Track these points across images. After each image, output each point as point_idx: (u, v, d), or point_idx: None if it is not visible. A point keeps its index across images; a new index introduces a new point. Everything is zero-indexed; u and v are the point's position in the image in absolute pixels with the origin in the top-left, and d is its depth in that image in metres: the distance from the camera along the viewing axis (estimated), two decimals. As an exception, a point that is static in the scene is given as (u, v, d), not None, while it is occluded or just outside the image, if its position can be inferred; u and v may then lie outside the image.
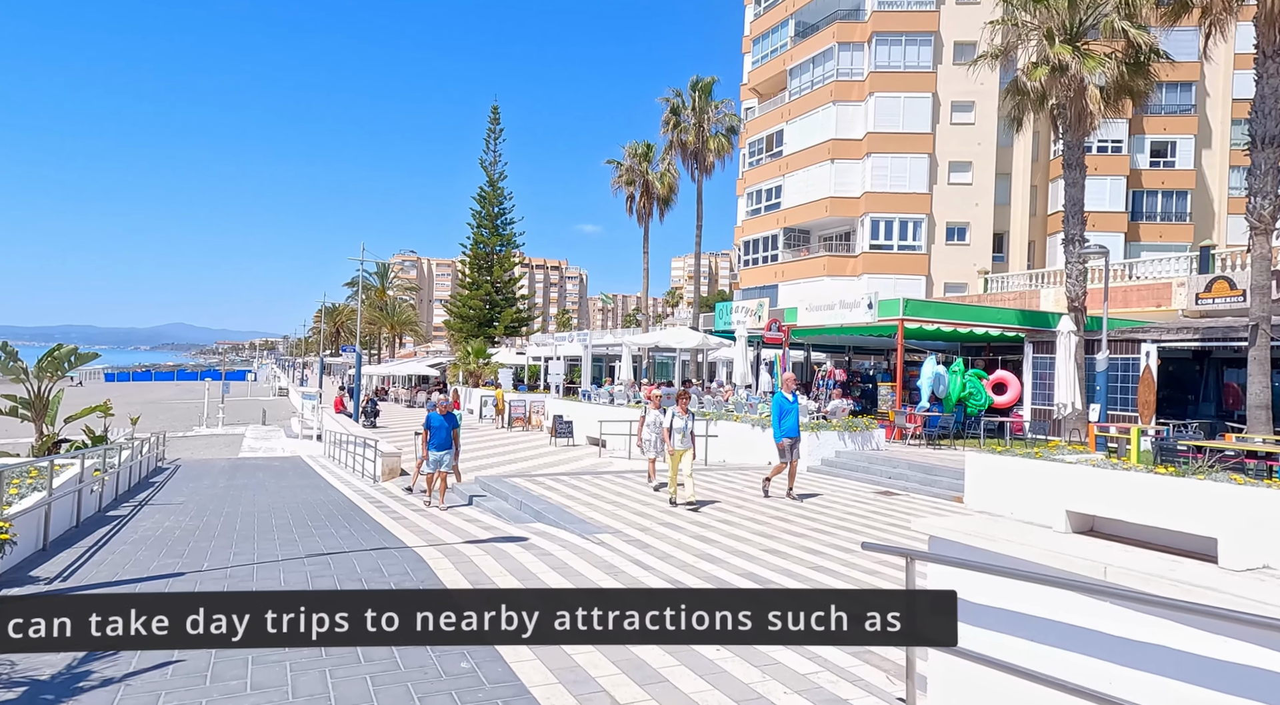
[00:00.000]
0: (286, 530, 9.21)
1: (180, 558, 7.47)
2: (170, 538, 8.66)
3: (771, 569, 6.95)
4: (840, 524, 9.22)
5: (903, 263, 34.61)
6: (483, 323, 60.86)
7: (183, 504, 11.98)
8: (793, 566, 7.03)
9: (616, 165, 35.32)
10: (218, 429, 37.19)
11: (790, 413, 10.93)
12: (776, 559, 7.31)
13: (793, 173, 38.57)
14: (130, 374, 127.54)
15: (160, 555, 7.61)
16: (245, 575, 6.65)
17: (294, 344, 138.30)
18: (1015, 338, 18.97)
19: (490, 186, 61.96)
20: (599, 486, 12.01)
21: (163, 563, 7.25)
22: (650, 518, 9.46)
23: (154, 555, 7.61)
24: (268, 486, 14.99)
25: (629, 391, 23.82)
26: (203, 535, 8.82)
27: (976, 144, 34.58)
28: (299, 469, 20.06)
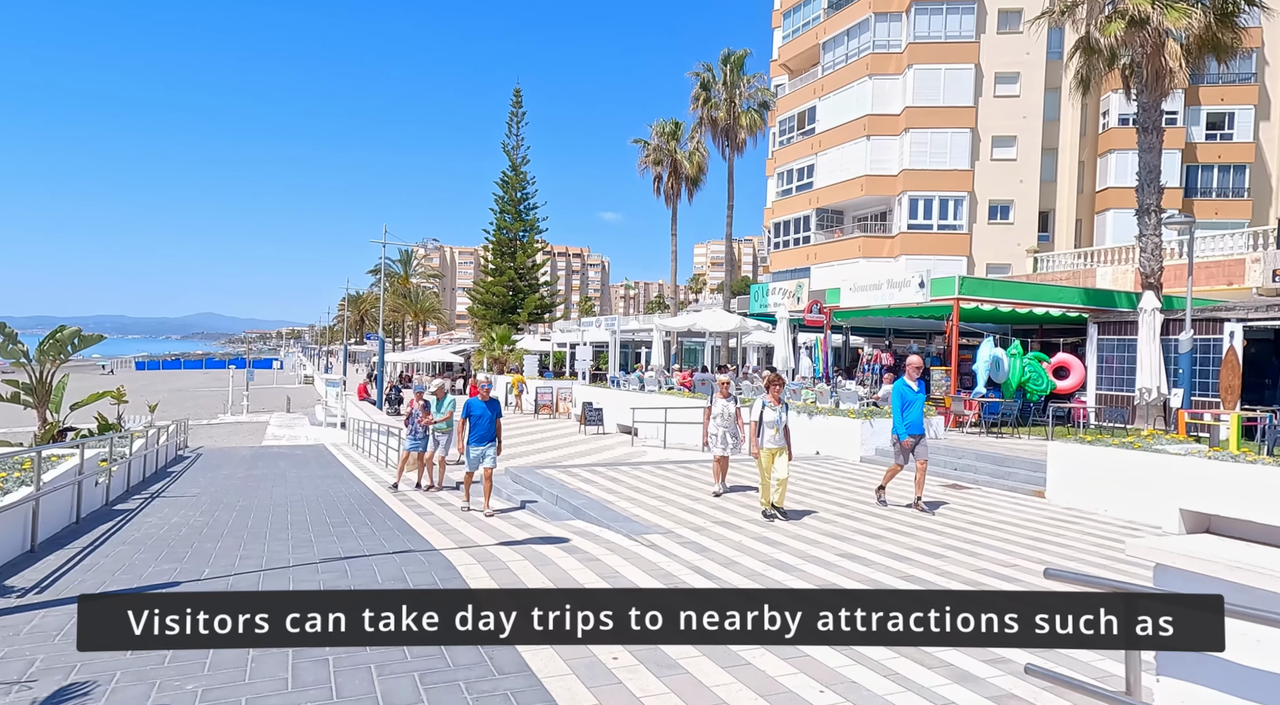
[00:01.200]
0: (302, 528, 8.38)
1: (180, 562, 6.65)
2: (174, 537, 7.85)
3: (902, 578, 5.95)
4: (973, 539, 8.18)
5: (943, 243, 33.14)
6: (506, 309, 60.15)
7: (197, 496, 11.24)
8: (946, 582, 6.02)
9: (643, 144, 34.19)
10: (242, 416, 36.89)
11: (914, 404, 8.81)
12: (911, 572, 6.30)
13: (826, 151, 37.13)
14: (160, 362, 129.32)
15: (159, 559, 6.79)
16: (248, 586, 5.79)
17: (319, 333, 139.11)
18: (1077, 319, 17.68)
19: (513, 171, 61.00)
20: (639, 479, 11.06)
21: (160, 568, 6.43)
22: (702, 514, 8.49)
23: (151, 559, 6.80)
24: (288, 477, 14.28)
25: (660, 377, 22.85)
26: (210, 534, 8.01)
27: (1021, 117, 32.90)
28: (321, 458, 19.39)
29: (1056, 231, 34.05)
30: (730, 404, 9.76)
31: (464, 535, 7.74)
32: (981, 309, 16.43)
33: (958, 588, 5.74)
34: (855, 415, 13.52)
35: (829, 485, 10.80)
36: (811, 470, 12.22)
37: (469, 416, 8.74)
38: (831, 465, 12.84)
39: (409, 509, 9.61)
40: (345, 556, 6.78)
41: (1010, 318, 17.16)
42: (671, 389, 22.26)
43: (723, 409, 9.70)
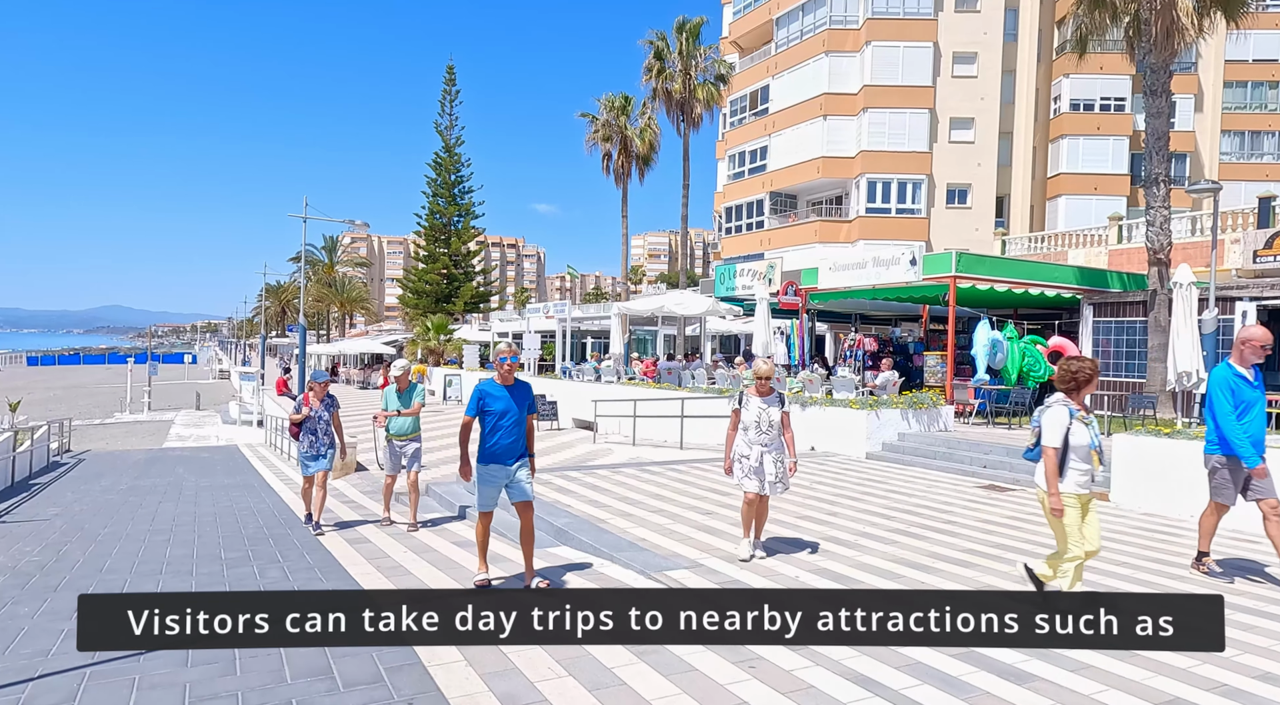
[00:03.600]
0: (182, 571, 6.09)
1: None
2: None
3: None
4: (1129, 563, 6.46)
5: (901, 227, 32.22)
6: (440, 298, 56.96)
7: (51, 520, 8.66)
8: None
9: (590, 119, 32.03)
10: (142, 415, 33.03)
11: (1255, 404, 5.36)
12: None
13: (780, 132, 35.78)
14: (56, 357, 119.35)
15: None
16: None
17: (237, 326, 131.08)
18: (1070, 300, 16.61)
19: (446, 152, 57.72)
20: (626, 485, 9.10)
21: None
22: (727, 534, 6.60)
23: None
24: (184, 488, 11.69)
25: (619, 367, 20.89)
26: (37, 586, 5.62)
27: (979, 99, 32.26)
28: (231, 461, 16.66)
29: (1012, 217, 33.65)
30: (774, 408, 5.77)
31: (416, 577, 5.61)
32: (977, 289, 15.11)
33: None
34: (858, 406, 11.89)
35: (855, 491, 9.06)
36: (820, 471, 10.49)
37: (483, 413, 5.12)
38: (838, 464, 11.15)
39: (336, 534, 7.37)
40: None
41: (1005, 299, 15.93)
42: (633, 379, 20.33)
43: (760, 416, 5.73)
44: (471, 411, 5.15)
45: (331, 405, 7.61)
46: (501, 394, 5.11)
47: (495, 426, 5.08)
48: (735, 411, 5.92)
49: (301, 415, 7.41)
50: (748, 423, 5.78)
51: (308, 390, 7.30)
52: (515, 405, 5.12)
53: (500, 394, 5.11)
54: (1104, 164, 33.59)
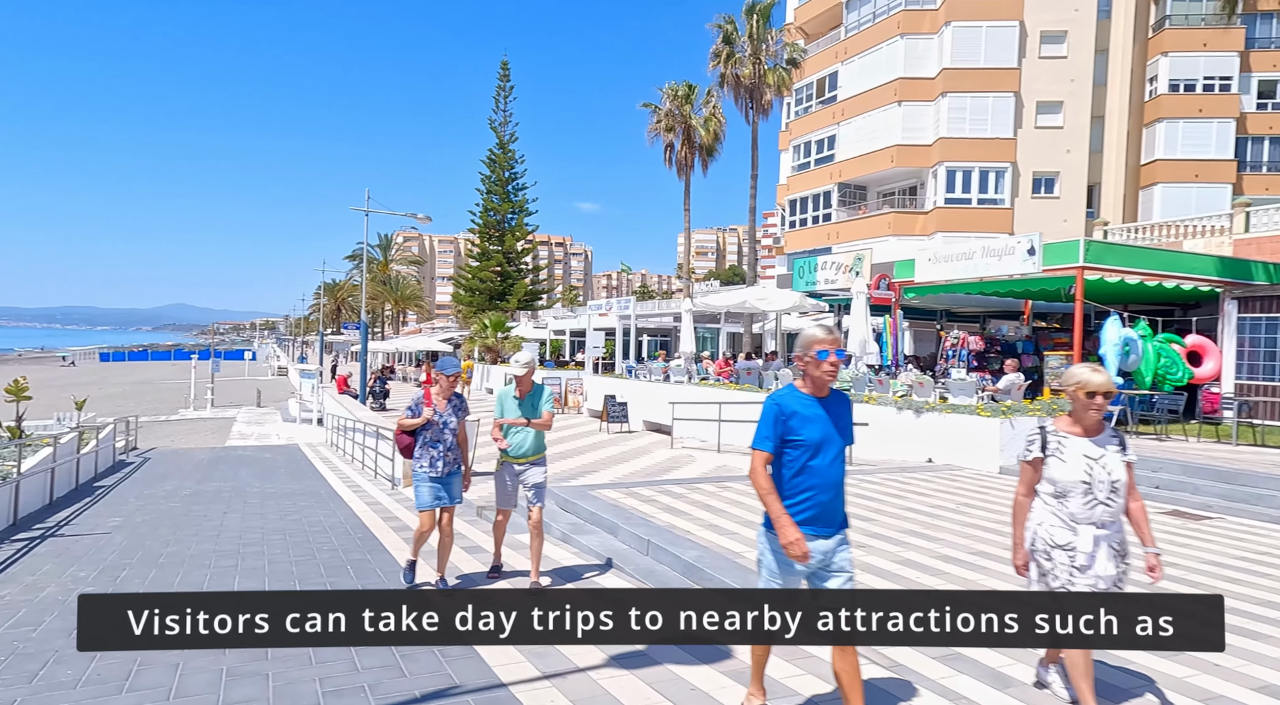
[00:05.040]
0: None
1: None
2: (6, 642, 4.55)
3: None
4: None
5: (982, 219, 30.24)
6: (494, 296, 56.75)
7: (109, 535, 7.92)
8: None
9: (653, 109, 30.89)
10: (205, 412, 33.20)
11: None
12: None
13: (849, 120, 34.08)
14: (126, 353, 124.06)
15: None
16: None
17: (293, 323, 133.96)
18: (1208, 294, 14.81)
19: (500, 149, 57.39)
20: (748, 508, 7.92)
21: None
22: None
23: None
24: (248, 495, 10.97)
25: (689, 367, 19.71)
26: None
27: (1069, 81, 30.04)
28: (293, 463, 16.06)
29: (1103, 207, 31.34)
30: (1113, 454, 3.36)
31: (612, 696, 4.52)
32: (1105, 281, 13.45)
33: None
34: (988, 413, 10.48)
35: (1006, 516, 7.70)
36: (954, 488, 9.13)
37: (786, 444, 3.12)
38: (970, 480, 9.78)
39: (423, 562, 6.38)
40: (330, 694, 3.57)
41: (1135, 292, 14.22)
42: (705, 379, 19.13)
43: (1091, 471, 3.31)
44: (769, 442, 3.08)
45: (460, 409, 5.51)
46: (815, 412, 3.10)
47: (805, 467, 3.04)
48: (1035, 462, 3.40)
49: (422, 419, 5.27)
50: (1066, 485, 3.28)
51: (430, 383, 5.45)
52: (836, 432, 3.15)
53: (814, 412, 3.10)
54: (1206, 149, 31.01)
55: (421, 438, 5.38)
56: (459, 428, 5.48)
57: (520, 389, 5.55)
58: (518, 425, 5.43)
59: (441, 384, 5.37)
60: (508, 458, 5.51)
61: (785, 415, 3.09)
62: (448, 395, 5.44)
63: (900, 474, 10.14)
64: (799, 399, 3.15)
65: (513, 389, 5.55)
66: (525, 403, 5.54)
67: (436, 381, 5.42)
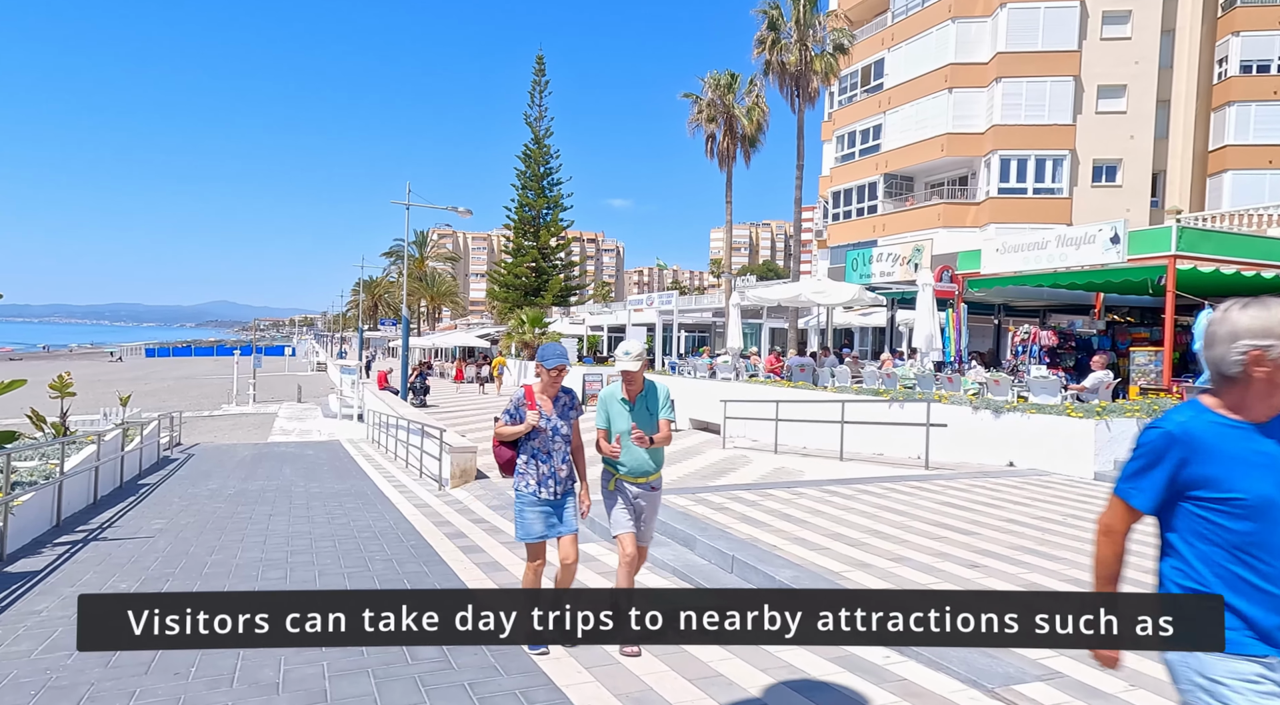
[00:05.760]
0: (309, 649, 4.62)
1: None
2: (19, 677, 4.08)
3: None
4: None
5: (1038, 209, 28.98)
6: (529, 292, 56.57)
7: (152, 540, 7.54)
8: None
9: (694, 99, 30.15)
10: (248, 407, 33.41)
11: None
12: None
13: (896, 108, 32.98)
14: (171, 349, 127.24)
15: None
16: None
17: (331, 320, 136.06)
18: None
19: (535, 144, 57.11)
20: (832, 517, 7.26)
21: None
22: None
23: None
24: (294, 495, 10.61)
25: (737, 363, 19.01)
26: (126, 662, 4.25)
27: (1133, 63, 28.58)
28: (337, 461, 15.77)
29: (1168, 195, 29.80)
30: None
31: (649, 687, 3.86)
32: (1198, 271, 12.44)
33: None
34: (1080, 413, 9.64)
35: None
36: (1050, 496, 8.34)
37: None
38: (1065, 487, 8.97)
39: (487, 576, 5.85)
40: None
41: (1229, 284, 13.15)
42: (754, 376, 18.42)
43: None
44: (1146, 495, 1.96)
45: (571, 409, 4.30)
46: (1261, 449, 1.86)
47: (1253, 546, 1.85)
48: None
49: (526, 425, 4.10)
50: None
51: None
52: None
53: (1257, 449, 1.86)
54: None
55: (525, 449, 4.16)
56: (573, 434, 4.29)
57: (629, 389, 4.24)
58: (639, 440, 4.15)
59: (543, 379, 4.18)
60: (620, 475, 4.22)
61: (1191, 450, 1.87)
62: (553, 393, 4.20)
63: (984, 479, 9.37)
64: (1220, 427, 1.87)
65: (619, 389, 4.28)
66: (638, 407, 4.21)
67: (538, 375, 4.22)
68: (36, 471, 7.97)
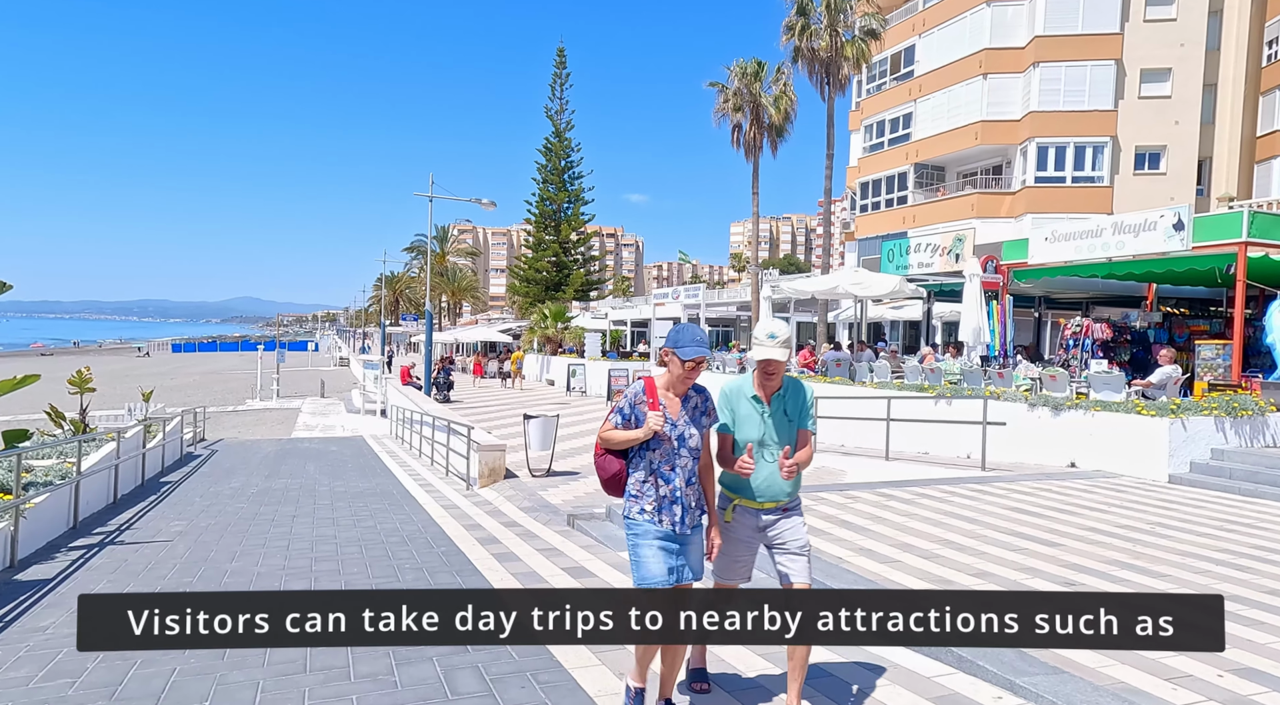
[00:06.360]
0: (335, 670, 4.19)
1: None
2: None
3: None
4: None
5: (1077, 198, 28.01)
6: (550, 286, 56.27)
7: (171, 543, 7.18)
8: None
9: (720, 88, 29.49)
10: (271, 402, 33.37)
11: None
12: None
13: (928, 96, 32.11)
14: (197, 344, 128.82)
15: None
16: None
17: (353, 315, 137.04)
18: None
19: (557, 137, 56.70)
20: (892, 524, 6.72)
21: None
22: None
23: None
24: (318, 494, 10.25)
25: (769, 357, 18.38)
26: (134, 695, 3.81)
27: (1179, 45, 27.49)
28: (361, 458, 15.44)
29: (1214, 183, 28.66)
30: None
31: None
32: (1271, 259, 11.68)
33: None
34: (1153, 412, 8.97)
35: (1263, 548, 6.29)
36: (1127, 501, 7.71)
37: None
38: (1143, 491, 8.33)
39: (521, 587, 5.38)
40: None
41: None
42: (789, 371, 17.82)
43: None
44: None
45: (703, 413, 3.23)
46: None
47: None
48: None
49: (645, 430, 3.06)
50: None
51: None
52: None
53: None
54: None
55: (640, 463, 3.12)
56: (703, 446, 3.21)
57: (766, 384, 3.21)
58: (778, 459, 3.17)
59: (672, 372, 3.13)
60: (742, 499, 3.24)
61: None
62: (682, 391, 3.15)
63: (1048, 481, 8.76)
64: None
65: (749, 384, 3.26)
66: (774, 410, 3.22)
67: (664, 362, 3.19)
68: (53, 471, 7.65)
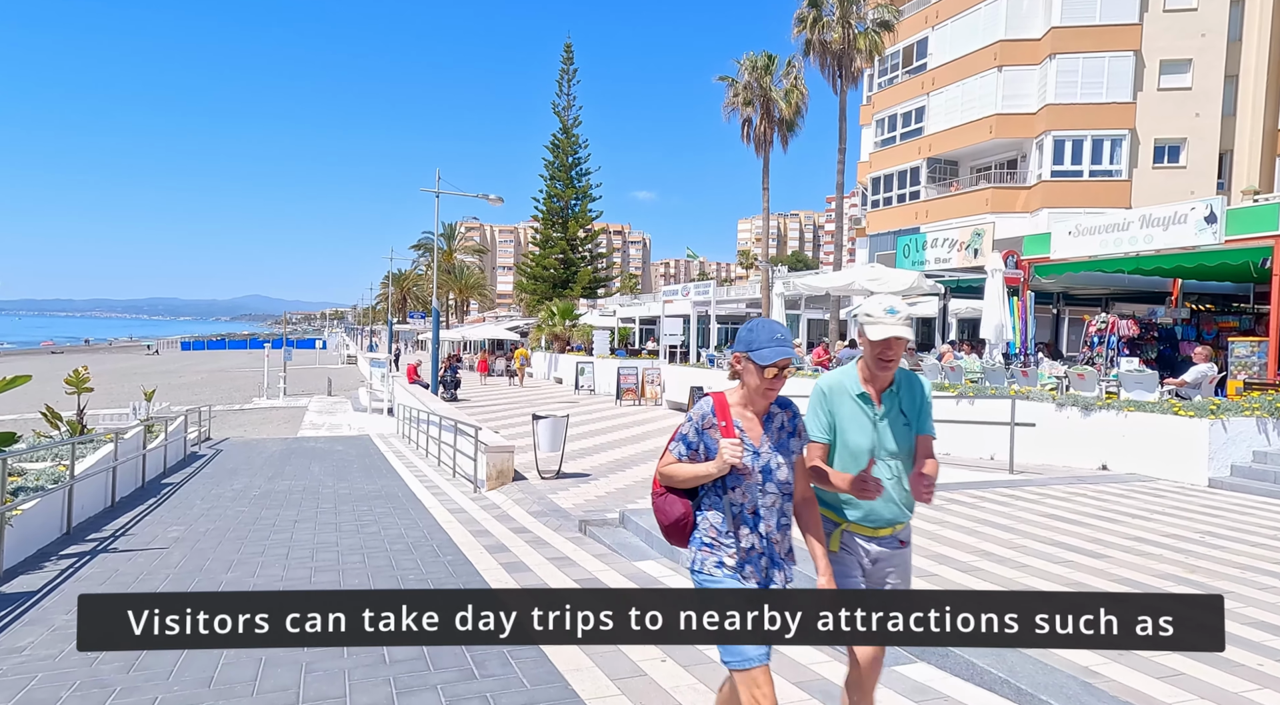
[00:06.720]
0: (332, 697, 3.88)
1: None
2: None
3: None
4: None
5: (1094, 193, 27.47)
6: (557, 284, 55.94)
7: (166, 550, 6.88)
8: None
9: (729, 82, 29.07)
10: (278, 400, 33.20)
11: None
12: None
13: (941, 89, 31.58)
14: (205, 343, 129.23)
15: None
16: None
17: (360, 313, 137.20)
18: None
19: (564, 133, 56.32)
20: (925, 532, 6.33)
21: None
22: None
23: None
24: (320, 496, 9.95)
25: (781, 355, 18.00)
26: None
27: (1199, 36, 26.90)
28: (366, 457, 15.16)
29: (1235, 177, 28.06)
30: None
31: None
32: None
33: None
34: (1192, 412, 8.57)
35: None
36: (1169, 507, 7.33)
37: None
38: (1183, 496, 7.93)
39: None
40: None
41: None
42: (800, 369, 17.45)
43: None
44: None
45: (794, 434, 2.48)
46: None
47: None
48: None
49: (719, 465, 2.34)
50: None
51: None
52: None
53: None
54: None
55: (716, 504, 2.43)
56: (796, 477, 2.48)
57: (876, 379, 2.58)
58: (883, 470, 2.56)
59: (749, 384, 2.42)
60: (851, 524, 2.59)
61: None
62: (763, 408, 2.45)
63: (1082, 485, 8.37)
64: None
65: (853, 378, 2.62)
66: (889, 411, 2.58)
67: (736, 371, 2.47)
68: (45, 474, 7.36)
